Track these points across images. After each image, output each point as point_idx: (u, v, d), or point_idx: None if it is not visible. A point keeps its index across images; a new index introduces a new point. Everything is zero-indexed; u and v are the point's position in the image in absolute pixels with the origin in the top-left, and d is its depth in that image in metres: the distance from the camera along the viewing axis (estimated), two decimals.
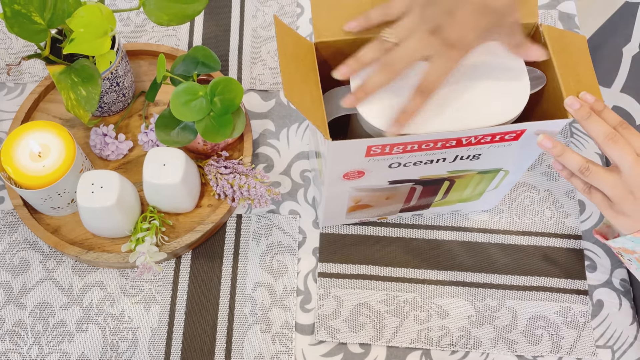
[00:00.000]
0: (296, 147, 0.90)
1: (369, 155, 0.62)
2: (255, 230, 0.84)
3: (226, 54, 0.96)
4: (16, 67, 0.93)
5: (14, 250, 0.82)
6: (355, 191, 0.72)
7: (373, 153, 0.62)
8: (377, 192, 0.73)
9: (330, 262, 0.82)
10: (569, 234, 0.85)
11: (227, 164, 0.83)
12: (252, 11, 1.00)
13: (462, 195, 0.78)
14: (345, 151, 0.61)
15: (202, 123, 0.75)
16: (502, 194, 0.81)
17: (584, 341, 0.79)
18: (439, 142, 0.61)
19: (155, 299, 0.80)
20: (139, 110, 0.90)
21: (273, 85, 0.94)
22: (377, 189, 0.72)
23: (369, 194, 0.73)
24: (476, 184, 0.75)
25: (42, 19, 0.71)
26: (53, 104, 0.90)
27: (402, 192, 0.74)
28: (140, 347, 0.77)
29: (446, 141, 0.61)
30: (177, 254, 0.81)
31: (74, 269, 0.81)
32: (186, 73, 0.79)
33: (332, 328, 0.79)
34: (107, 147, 0.85)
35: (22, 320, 0.78)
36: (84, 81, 0.73)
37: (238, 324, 0.79)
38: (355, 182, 0.69)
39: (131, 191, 0.78)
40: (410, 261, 0.83)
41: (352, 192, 0.72)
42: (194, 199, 0.82)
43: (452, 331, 0.79)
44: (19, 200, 0.81)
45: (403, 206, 0.80)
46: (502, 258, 0.84)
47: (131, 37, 0.97)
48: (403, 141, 0.60)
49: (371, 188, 0.71)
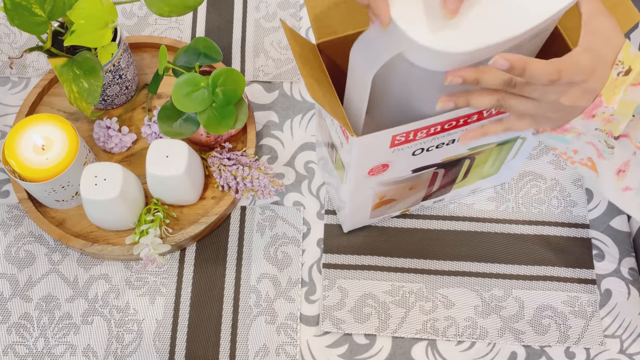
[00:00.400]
0: (300, 139, 0.89)
1: (394, 145, 0.62)
2: (259, 222, 0.84)
3: (229, 46, 0.96)
4: (20, 62, 0.93)
5: (19, 244, 0.82)
6: (379, 186, 0.71)
7: (397, 142, 0.61)
8: (401, 184, 0.73)
9: (335, 253, 0.82)
10: (577, 223, 0.84)
11: (231, 155, 0.82)
12: (254, 2, 0.99)
13: (482, 171, 0.79)
14: (370, 145, 0.61)
15: (204, 114, 0.75)
16: (520, 163, 0.81)
17: (592, 331, 0.78)
18: (460, 119, 0.61)
19: (160, 290, 0.80)
20: (142, 103, 0.90)
21: (276, 77, 0.93)
22: (401, 180, 0.72)
23: (393, 187, 0.73)
24: (495, 157, 0.76)
25: (42, 10, 0.71)
26: (57, 97, 0.90)
27: (425, 179, 0.74)
28: (146, 339, 0.77)
29: (468, 117, 0.61)
30: (181, 246, 0.81)
31: (79, 262, 0.81)
32: (188, 64, 0.79)
33: (337, 319, 0.78)
34: (110, 139, 0.85)
35: (28, 312, 0.79)
36: (86, 73, 0.73)
37: (243, 316, 0.79)
38: (380, 176, 0.68)
39: (135, 183, 0.78)
40: (416, 251, 0.82)
41: (377, 188, 0.72)
42: (197, 191, 0.82)
43: (458, 321, 0.79)
44: (24, 194, 0.81)
45: (426, 194, 0.79)
46: (509, 248, 0.83)
47: (134, 30, 0.97)
48: (426, 124, 0.59)
49: (395, 180, 0.71)
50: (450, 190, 0.81)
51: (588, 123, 0.56)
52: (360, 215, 0.79)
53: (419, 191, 0.78)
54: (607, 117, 0.55)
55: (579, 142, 0.59)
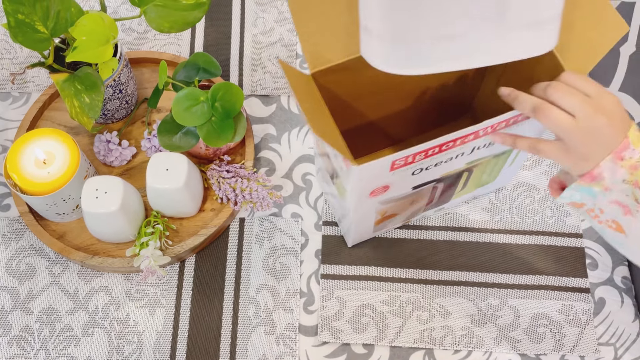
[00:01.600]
0: (297, 151, 0.91)
1: (393, 169, 0.63)
2: (258, 234, 0.85)
3: (227, 60, 0.97)
4: (21, 77, 0.95)
5: (20, 257, 0.83)
6: (381, 205, 0.73)
7: (397, 166, 0.63)
8: (402, 200, 0.74)
9: (333, 264, 0.83)
10: (570, 233, 0.86)
11: (229, 168, 0.84)
12: (252, 18, 1.01)
13: (480, 180, 0.80)
14: (370, 172, 0.62)
15: (203, 128, 0.76)
16: (517, 169, 0.83)
17: (587, 339, 0.79)
18: (457, 139, 0.62)
19: (160, 302, 0.81)
20: (142, 117, 0.91)
21: (274, 90, 0.95)
22: (401, 197, 0.73)
23: (394, 204, 0.74)
24: (493, 167, 0.77)
25: (45, 27, 0.72)
26: (57, 112, 0.91)
27: (424, 193, 0.76)
28: (146, 351, 0.78)
29: (464, 137, 0.62)
30: (181, 257, 0.82)
31: (80, 274, 0.82)
32: (187, 79, 0.80)
33: (335, 329, 0.79)
34: (110, 153, 0.86)
35: (29, 325, 0.79)
36: (87, 89, 0.74)
37: (242, 327, 0.79)
38: (381, 196, 0.70)
39: (135, 196, 0.80)
40: (412, 262, 0.83)
41: (379, 207, 0.73)
42: (197, 203, 0.83)
43: (455, 331, 0.80)
44: (25, 207, 0.82)
45: (426, 205, 0.81)
46: (504, 257, 0.84)
47: (134, 45, 0.99)
48: (424, 148, 0.61)
49: (396, 198, 0.72)
50: (450, 199, 0.83)
51: (615, 169, 0.58)
52: (363, 230, 0.80)
53: (420, 204, 0.79)
54: (634, 164, 0.58)
55: (605, 199, 0.60)
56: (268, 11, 1.02)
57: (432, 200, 0.79)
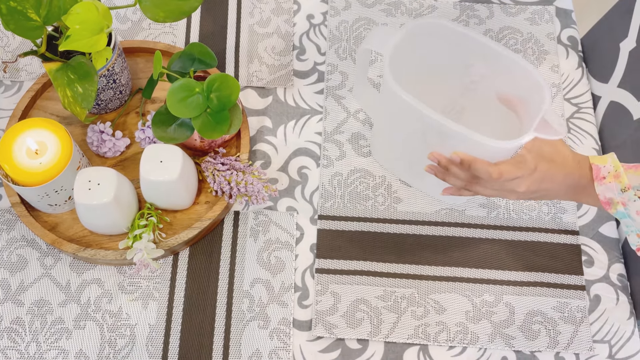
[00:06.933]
0: (293, 144, 0.90)
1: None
2: (252, 227, 0.84)
3: (223, 51, 0.96)
4: (13, 65, 0.93)
5: (11, 248, 0.82)
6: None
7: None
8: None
9: (328, 259, 0.82)
10: (566, 230, 0.85)
11: (225, 160, 0.83)
12: (248, 8, 1.00)
13: None
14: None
15: (198, 120, 0.75)
16: None
17: (581, 336, 0.79)
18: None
19: (153, 295, 0.80)
20: (136, 108, 0.90)
21: (270, 82, 0.94)
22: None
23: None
24: None
25: (38, 15, 0.71)
26: (50, 101, 0.90)
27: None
28: (138, 344, 0.77)
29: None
30: (174, 250, 0.81)
31: (72, 266, 0.81)
32: (183, 70, 0.79)
33: (329, 324, 0.79)
34: (104, 144, 0.85)
35: (20, 317, 0.78)
36: (81, 78, 0.73)
37: (236, 320, 0.79)
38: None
39: (128, 188, 0.79)
40: (407, 257, 0.83)
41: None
42: (191, 196, 0.82)
43: (450, 327, 0.79)
44: (17, 198, 0.81)
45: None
46: (500, 254, 0.84)
47: (128, 34, 0.97)
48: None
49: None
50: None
51: (609, 187, 0.63)
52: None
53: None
54: (615, 174, 0.63)
55: (633, 212, 0.64)
56: (265, 1, 1.00)
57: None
